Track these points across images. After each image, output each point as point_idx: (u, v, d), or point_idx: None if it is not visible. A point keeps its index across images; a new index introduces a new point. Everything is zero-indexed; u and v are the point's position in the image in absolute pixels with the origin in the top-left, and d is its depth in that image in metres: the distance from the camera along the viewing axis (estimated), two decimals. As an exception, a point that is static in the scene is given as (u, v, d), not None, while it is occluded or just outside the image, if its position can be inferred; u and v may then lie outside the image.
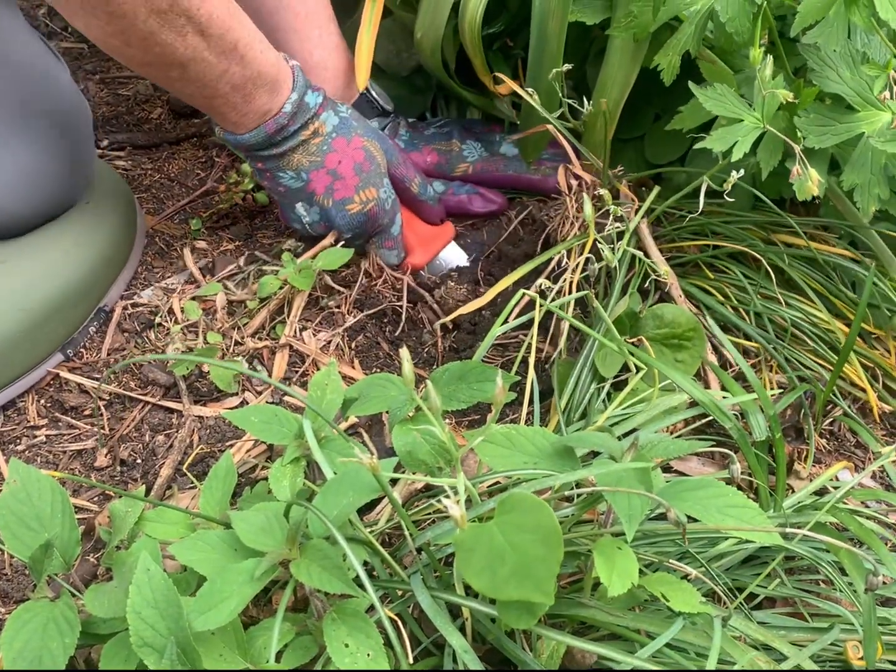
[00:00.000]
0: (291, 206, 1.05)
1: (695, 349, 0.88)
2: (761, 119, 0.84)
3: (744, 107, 0.84)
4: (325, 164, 1.01)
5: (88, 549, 0.80)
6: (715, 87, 0.85)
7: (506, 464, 0.60)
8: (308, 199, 1.03)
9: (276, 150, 0.99)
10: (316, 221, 1.06)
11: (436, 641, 0.64)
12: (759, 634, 0.62)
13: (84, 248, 0.98)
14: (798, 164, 0.80)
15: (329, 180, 1.02)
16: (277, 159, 1.00)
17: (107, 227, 1.02)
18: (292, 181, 1.02)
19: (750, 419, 0.81)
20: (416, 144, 1.19)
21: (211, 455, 0.89)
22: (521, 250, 1.10)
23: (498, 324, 0.79)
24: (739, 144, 0.83)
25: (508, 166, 1.19)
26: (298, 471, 0.71)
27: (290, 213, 1.07)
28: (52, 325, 0.94)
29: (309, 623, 0.60)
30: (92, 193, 1.03)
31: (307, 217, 1.05)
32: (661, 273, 0.87)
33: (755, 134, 0.84)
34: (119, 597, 0.59)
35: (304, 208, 1.05)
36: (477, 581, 0.50)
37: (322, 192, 1.02)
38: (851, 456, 0.93)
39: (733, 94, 0.85)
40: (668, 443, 0.63)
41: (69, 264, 0.96)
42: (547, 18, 0.96)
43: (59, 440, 0.91)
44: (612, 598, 0.60)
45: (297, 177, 1.01)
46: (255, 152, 0.99)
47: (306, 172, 1.01)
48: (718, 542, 0.71)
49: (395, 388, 0.71)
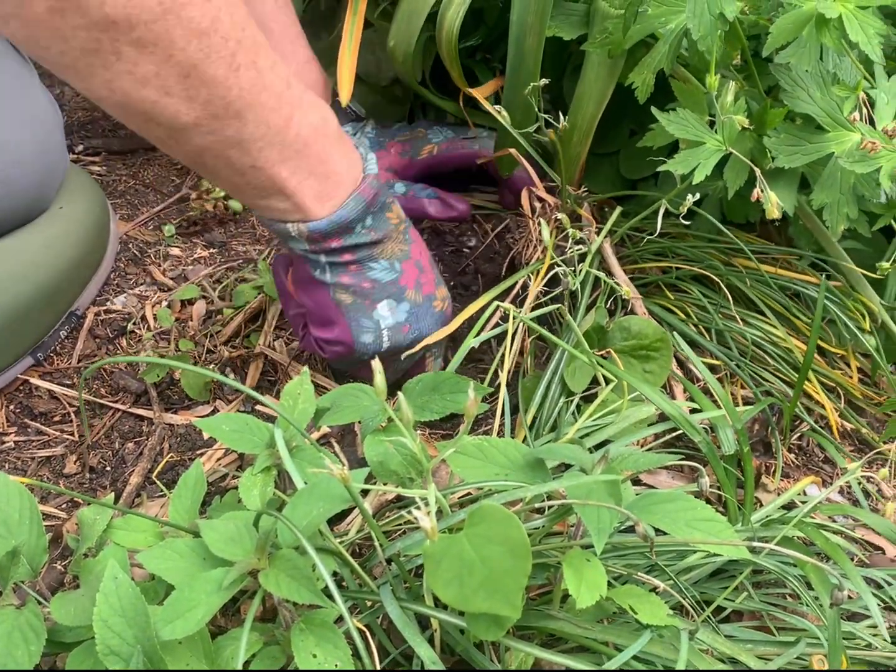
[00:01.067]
0: (370, 308, 0.85)
1: (663, 359, 0.89)
2: (723, 142, 0.85)
3: (705, 130, 0.85)
4: (412, 255, 0.87)
5: (56, 557, 0.79)
6: (678, 111, 0.86)
7: (477, 475, 0.61)
8: (398, 294, 0.86)
9: (374, 234, 0.82)
10: (400, 323, 0.86)
11: (404, 653, 0.64)
12: (725, 647, 0.62)
13: (54, 251, 0.97)
14: (759, 186, 0.81)
15: (417, 273, 0.87)
16: (373, 246, 0.83)
17: (78, 231, 1.02)
18: (385, 272, 0.85)
19: (719, 433, 0.82)
20: (381, 142, 1.14)
21: (181, 463, 0.89)
22: (496, 265, 1.11)
23: (471, 336, 0.80)
24: (701, 167, 0.84)
25: (474, 143, 1.16)
26: (269, 480, 0.71)
27: (362, 320, 0.85)
28: (21, 328, 0.94)
29: (277, 633, 0.60)
30: (64, 198, 1.03)
31: (390, 319, 0.85)
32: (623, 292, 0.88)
33: (717, 157, 0.85)
34: (86, 605, 0.58)
35: (390, 308, 0.85)
36: (445, 592, 0.50)
37: (413, 286, 0.87)
38: (819, 471, 0.94)
39: (696, 117, 0.86)
40: (638, 456, 0.63)
41: (39, 267, 0.95)
42: (524, 34, 0.96)
43: (27, 446, 0.90)
44: (581, 611, 0.61)
45: (391, 267, 0.85)
46: (347, 237, 0.80)
47: (399, 262, 0.85)
48: (687, 556, 0.72)
49: (368, 399, 0.71)
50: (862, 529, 0.87)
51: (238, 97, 0.67)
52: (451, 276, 1.13)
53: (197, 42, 0.62)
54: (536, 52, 0.97)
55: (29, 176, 0.95)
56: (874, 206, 0.89)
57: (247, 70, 0.67)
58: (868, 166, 0.81)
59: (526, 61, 0.98)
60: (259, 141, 0.71)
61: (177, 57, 0.62)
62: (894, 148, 0.81)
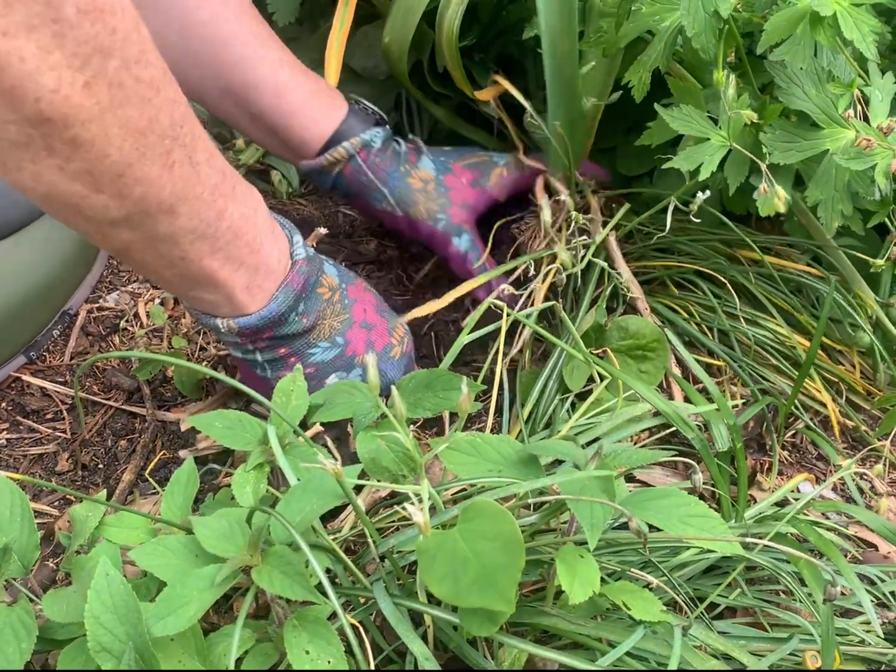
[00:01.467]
0: (319, 386, 0.82)
1: (659, 360, 0.89)
2: (727, 138, 0.85)
3: (710, 126, 0.85)
4: (355, 320, 0.85)
5: (48, 555, 0.79)
6: (681, 107, 0.86)
7: (470, 471, 0.61)
8: (347, 365, 0.84)
9: (307, 321, 0.80)
10: None
11: (398, 649, 0.64)
12: (719, 644, 0.62)
13: (46, 251, 0.96)
14: (764, 181, 0.81)
15: (364, 335, 0.85)
16: (307, 334, 0.81)
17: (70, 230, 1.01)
18: (327, 352, 0.82)
19: (712, 430, 0.82)
20: (447, 166, 1.07)
21: (174, 460, 0.88)
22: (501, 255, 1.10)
23: (465, 333, 0.79)
24: (707, 163, 0.84)
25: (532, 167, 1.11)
26: (262, 477, 0.70)
27: None
28: (14, 327, 0.93)
29: (270, 630, 0.60)
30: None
31: None
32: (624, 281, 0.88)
33: (722, 152, 0.85)
34: (77, 601, 0.58)
35: (340, 379, 0.84)
36: (439, 588, 0.50)
37: (363, 348, 0.85)
38: (813, 468, 0.94)
39: (699, 113, 0.86)
40: (632, 452, 0.63)
41: (31, 267, 0.94)
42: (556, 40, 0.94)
43: (19, 444, 0.90)
44: (574, 607, 0.61)
45: (333, 344, 0.83)
46: (279, 328, 0.78)
47: (342, 335, 0.83)
48: (680, 552, 0.72)
49: (361, 395, 0.71)
50: (855, 526, 0.87)
51: (171, 193, 0.64)
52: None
53: (133, 141, 0.59)
54: (571, 55, 0.95)
55: None
56: (868, 204, 0.89)
57: (181, 166, 0.64)
58: (863, 163, 0.81)
59: (564, 68, 0.97)
60: (190, 234, 0.68)
61: (112, 156, 0.59)
62: (889, 145, 0.81)
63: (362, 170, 1.02)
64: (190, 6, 0.91)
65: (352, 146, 0.99)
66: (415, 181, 1.03)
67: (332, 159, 1.00)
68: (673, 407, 0.78)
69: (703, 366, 0.95)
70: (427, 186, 1.03)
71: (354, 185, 1.03)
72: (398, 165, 1.03)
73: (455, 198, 1.03)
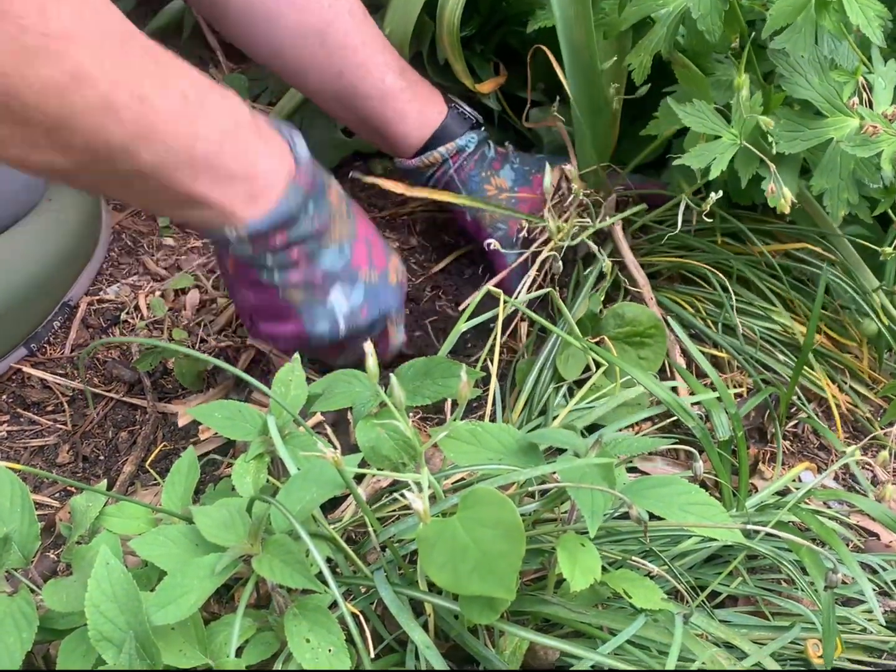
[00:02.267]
0: (323, 297, 0.81)
1: (657, 345, 0.89)
2: (738, 136, 0.84)
3: (721, 123, 0.85)
4: (359, 233, 0.84)
5: (48, 546, 0.79)
6: (693, 102, 0.85)
7: (470, 460, 0.60)
8: (351, 278, 0.82)
9: (318, 223, 0.77)
10: (357, 307, 0.83)
11: (398, 638, 0.64)
12: (720, 632, 0.62)
13: (45, 242, 0.97)
14: (772, 181, 0.81)
15: (366, 251, 0.84)
16: (320, 236, 0.78)
17: (69, 222, 1.01)
18: (336, 259, 0.81)
19: (713, 418, 0.82)
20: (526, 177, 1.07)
21: (174, 452, 0.88)
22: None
23: (462, 320, 0.79)
24: (717, 161, 0.83)
25: None
26: (262, 467, 0.70)
27: (315, 311, 0.82)
28: (14, 319, 0.93)
29: (270, 619, 0.60)
30: (53, 189, 1.02)
31: (345, 306, 0.82)
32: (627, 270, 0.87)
33: (733, 151, 0.84)
34: (78, 591, 0.58)
35: (344, 293, 0.82)
36: (439, 576, 0.50)
37: (366, 265, 0.84)
38: (814, 458, 0.94)
39: (710, 109, 0.85)
40: (632, 440, 0.63)
41: (30, 259, 0.94)
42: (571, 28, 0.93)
43: (20, 436, 0.90)
44: (575, 595, 0.61)
45: (341, 252, 0.81)
46: (291, 229, 0.75)
47: (348, 244, 0.82)
48: (681, 541, 0.72)
49: (360, 384, 0.71)
50: (857, 515, 0.87)
51: (122, 136, 0.61)
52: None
53: (58, 100, 0.56)
54: (589, 43, 0.94)
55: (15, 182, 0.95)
56: (874, 192, 0.88)
57: (128, 107, 0.61)
58: (869, 150, 0.81)
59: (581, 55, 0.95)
60: (162, 167, 0.65)
61: (36, 118, 0.56)
62: (895, 132, 0.81)
63: (450, 172, 1.05)
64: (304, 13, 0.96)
65: (447, 150, 1.04)
66: (490, 188, 1.05)
67: (428, 162, 1.05)
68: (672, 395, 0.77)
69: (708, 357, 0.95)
70: (500, 195, 1.04)
71: (442, 185, 1.07)
72: (480, 170, 1.05)
73: (523, 210, 1.03)
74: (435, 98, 1.06)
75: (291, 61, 1.00)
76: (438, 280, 1.13)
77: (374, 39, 1.01)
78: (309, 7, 0.96)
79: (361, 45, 0.99)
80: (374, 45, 1.01)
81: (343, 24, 0.98)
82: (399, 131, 1.04)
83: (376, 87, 1.01)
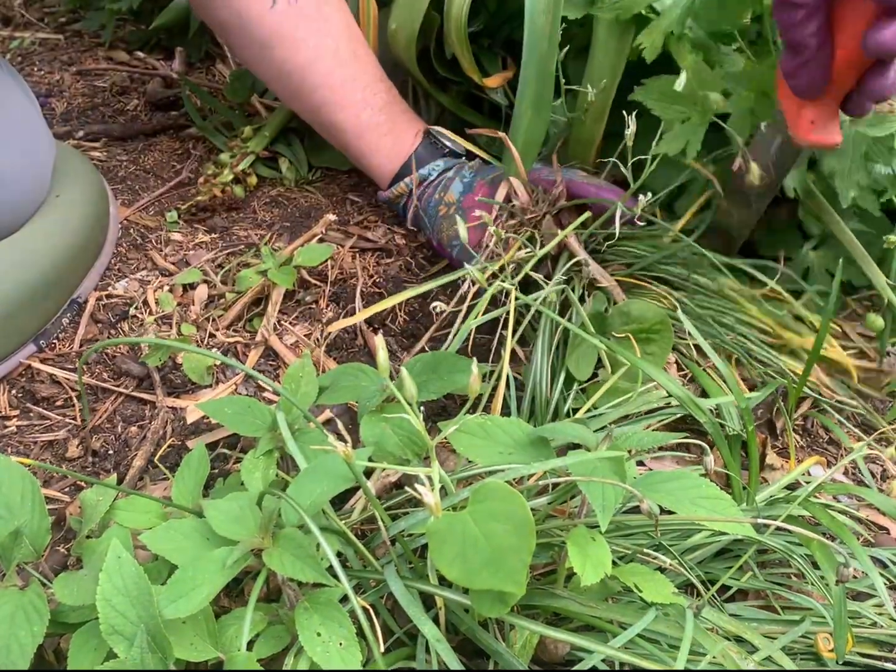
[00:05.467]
0: None
1: (663, 341, 0.89)
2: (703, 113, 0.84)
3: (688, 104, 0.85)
4: None
5: (59, 540, 0.79)
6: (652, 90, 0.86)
7: (480, 454, 0.60)
8: None
9: None
10: None
11: (409, 632, 0.64)
12: (730, 626, 0.62)
13: (54, 239, 0.96)
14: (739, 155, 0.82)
15: None
16: None
17: (77, 218, 1.01)
18: None
19: (723, 411, 0.81)
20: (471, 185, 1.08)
21: (184, 447, 0.88)
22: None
23: (472, 317, 0.79)
24: (691, 142, 0.84)
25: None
26: (271, 463, 0.71)
27: None
28: (23, 315, 0.93)
29: (281, 613, 0.60)
30: (62, 186, 1.02)
31: None
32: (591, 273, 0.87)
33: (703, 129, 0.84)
34: (89, 585, 0.58)
35: None
36: (449, 570, 0.50)
37: None
38: (824, 452, 0.94)
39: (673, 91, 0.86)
40: (642, 435, 0.63)
41: (39, 255, 0.94)
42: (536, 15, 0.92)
43: (30, 431, 0.90)
44: (585, 589, 0.61)
45: None
46: None
47: None
48: (691, 535, 0.71)
49: (367, 378, 0.71)
50: (866, 510, 0.87)
51: None
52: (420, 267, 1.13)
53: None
54: (551, 34, 0.93)
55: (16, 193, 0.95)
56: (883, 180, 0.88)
57: None
58: (883, 130, 0.80)
59: (540, 44, 0.94)
60: None
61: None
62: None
63: (415, 202, 1.10)
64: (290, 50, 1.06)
65: (410, 181, 1.10)
66: (442, 208, 1.07)
67: (397, 193, 1.12)
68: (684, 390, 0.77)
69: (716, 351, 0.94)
70: (450, 210, 1.06)
71: (413, 214, 1.13)
72: (435, 193, 1.08)
73: (472, 219, 1.03)
74: (412, 130, 1.12)
75: (279, 90, 1.14)
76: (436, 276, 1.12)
77: (357, 78, 1.09)
78: (296, 46, 1.06)
79: (340, 85, 1.08)
80: (354, 84, 1.09)
81: (325, 65, 1.07)
82: (373, 163, 1.13)
83: (351, 122, 1.10)
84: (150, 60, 1.64)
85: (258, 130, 1.30)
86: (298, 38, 1.05)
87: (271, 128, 1.29)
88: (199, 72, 1.62)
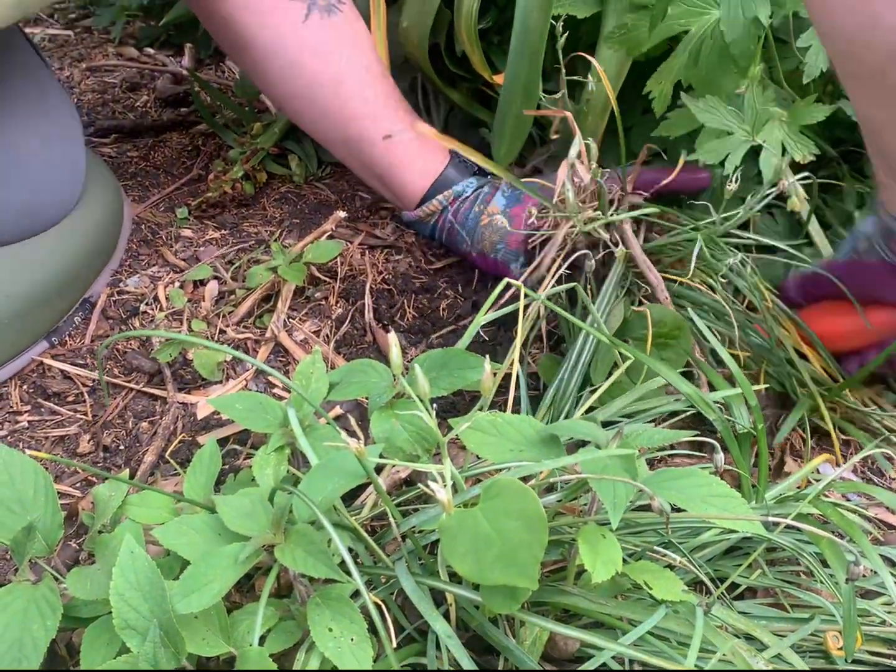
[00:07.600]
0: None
1: (680, 347, 0.88)
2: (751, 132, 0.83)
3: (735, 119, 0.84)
4: None
5: (71, 535, 0.79)
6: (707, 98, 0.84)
7: (491, 451, 0.60)
8: None
9: None
10: None
11: (419, 628, 0.64)
12: (740, 624, 0.62)
13: (69, 238, 0.97)
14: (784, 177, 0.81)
15: None
16: None
17: (93, 218, 1.02)
18: None
19: (733, 410, 0.81)
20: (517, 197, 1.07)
21: (195, 443, 0.89)
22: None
23: (482, 314, 0.79)
24: (731, 157, 0.83)
25: None
26: (282, 459, 0.71)
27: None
28: (37, 314, 0.94)
29: (293, 608, 0.60)
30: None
31: None
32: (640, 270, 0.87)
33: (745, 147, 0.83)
34: (102, 579, 0.59)
35: None
36: (461, 566, 0.50)
37: None
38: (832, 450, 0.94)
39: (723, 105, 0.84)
40: (653, 432, 0.63)
41: (55, 255, 0.95)
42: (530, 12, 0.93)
43: (41, 426, 0.91)
44: (596, 586, 0.61)
45: None
46: None
47: None
48: (701, 533, 0.71)
49: (376, 374, 0.71)
50: (876, 508, 0.86)
51: None
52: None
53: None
54: (542, 30, 0.94)
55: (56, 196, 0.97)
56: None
57: None
58: None
59: (531, 39, 0.95)
60: None
61: None
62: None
63: (448, 217, 1.08)
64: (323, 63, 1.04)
65: (444, 198, 1.07)
66: (485, 217, 1.06)
67: (429, 211, 1.09)
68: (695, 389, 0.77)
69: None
70: (493, 220, 1.05)
71: (445, 232, 1.10)
72: (473, 206, 1.07)
73: (517, 226, 1.03)
74: (440, 151, 1.10)
75: (305, 106, 1.08)
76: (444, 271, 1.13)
77: (389, 95, 1.08)
78: (329, 59, 1.04)
79: (374, 98, 1.07)
80: (387, 100, 1.08)
81: (359, 77, 1.06)
82: (402, 179, 1.09)
83: (382, 136, 1.07)
84: (160, 57, 1.65)
85: (268, 127, 1.30)
86: (331, 51, 1.04)
87: (281, 124, 1.29)
88: (209, 68, 1.63)
